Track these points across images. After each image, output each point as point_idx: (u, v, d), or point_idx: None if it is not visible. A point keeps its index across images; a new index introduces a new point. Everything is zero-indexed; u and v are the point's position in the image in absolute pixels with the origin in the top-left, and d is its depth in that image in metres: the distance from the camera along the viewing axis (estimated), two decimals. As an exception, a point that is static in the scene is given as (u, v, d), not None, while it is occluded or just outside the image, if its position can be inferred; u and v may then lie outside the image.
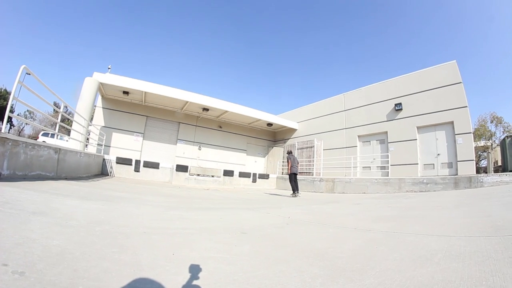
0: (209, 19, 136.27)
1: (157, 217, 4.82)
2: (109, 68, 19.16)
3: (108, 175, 16.12)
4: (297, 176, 14.08)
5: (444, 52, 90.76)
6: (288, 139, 26.38)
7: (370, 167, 18.67)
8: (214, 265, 2.51)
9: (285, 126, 26.04)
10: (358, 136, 19.77)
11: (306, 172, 20.74)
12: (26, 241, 2.43)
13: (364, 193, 14.63)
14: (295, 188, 13.45)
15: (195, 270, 2.32)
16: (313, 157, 20.60)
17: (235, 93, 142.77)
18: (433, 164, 15.61)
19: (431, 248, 3.10)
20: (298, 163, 14.51)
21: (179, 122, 23.96)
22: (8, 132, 43.46)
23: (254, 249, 3.17)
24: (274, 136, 29.06)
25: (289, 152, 14.81)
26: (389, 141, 17.71)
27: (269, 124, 25.82)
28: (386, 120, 18.10)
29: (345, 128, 20.65)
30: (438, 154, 15.40)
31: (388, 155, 16.94)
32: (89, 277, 1.93)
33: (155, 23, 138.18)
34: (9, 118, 45.38)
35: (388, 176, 15.97)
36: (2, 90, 46.21)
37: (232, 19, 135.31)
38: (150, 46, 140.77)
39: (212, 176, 18.64)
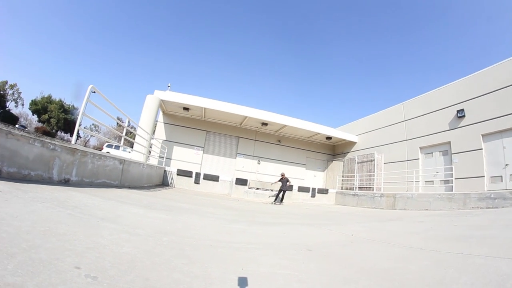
0: (264, 35, 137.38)
1: (220, 230, 4.77)
2: (168, 86, 20.52)
3: (168, 185, 16.82)
4: (284, 191, 17.21)
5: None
6: (348, 152, 25.29)
7: (432, 181, 17.04)
8: (283, 281, 2.41)
9: (344, 139, 25.05)
10: (420, 148, 18.22)
11: (366, 187, 19.81)
12: (96, 246, 2.46)
13: (427, 209, 13.57)
14: (281, 199, 17.07)
15: (265, 286, 2.20)
16: (374, 171, 19.72)
17: (293, 107, 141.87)
18: (501, 176, 13.71)
19: (503, 272, 2.83)
20: (285, 181, 17.28)
21: (239, 137, 24.40)
22: (75, 143, 47.65)
23: (321, 266, 3.04)
24: (333, 150, 28.11)
25: (283, 175, 17.58)
26: (452, 152, 16.05)
27: (328, 138, 25.08)
28: (448, 129, 16.47)
29: (406, 140, 19.22)
30: (506, 165, 13.47)
31: (451, 167, 15.41)
32: (161, 287, 1.86)
33: (213, 39, 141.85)
34: (78, 131, 48.69)
35: (452, 191, 14.52)
36: (71, 105, 51.33)
37: (286, 34, 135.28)
38: (207, 61, 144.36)
39: (271, 190, 18.51)
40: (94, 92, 7.71)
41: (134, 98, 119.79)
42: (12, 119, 37.15)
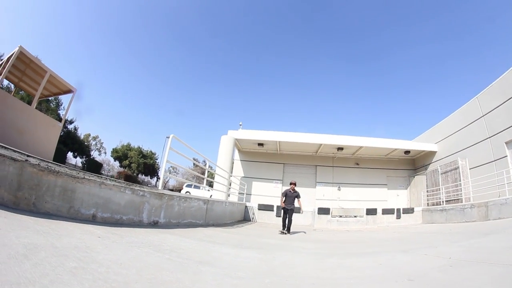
0: (329, 58, 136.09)
1: (317, 265, 4.64)
2: (240, 125, 21.38)
3: (250, 220, 17.18)
4: (290, 211, 12.33)
5: None
6: (429, 164, 23.06)
7: (528, 179, 14.68)
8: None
9: (423, 150, 23.17)
10: (506, 143, 15.48)
11: (454, 200, 17.92)
12: (206, 293, 2.40)
13: (527, 215, 11.85)
14: (287, 225, 11.88)
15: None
16: (460, 180, 17.81)
17: (367, 127, 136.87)
18: None
19: None
20: (293, 197, 12.58)
21: (316, 165, 24.29)
22: (155, 185, 55.56)
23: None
24: (414, 164, 25.98)
25: (293, 185, 12.86)
26: (544, 140, 13.34)
27: (407, 152, 23.49)
28: (534, 112, 13.79)
29: (489, 137, 16.70)
30: None
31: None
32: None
33: (277, 70, 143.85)
34: (157, 173, 58.35)
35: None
36: (148, 151, 58.11)
37: (352, 52, 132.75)
38: (275, 93, 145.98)
39: (355, 216, 17.86)
40: (168, 137, 8.21)
41: (207, 135, 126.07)
42: (96, 166, 42.81)
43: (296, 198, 12.40)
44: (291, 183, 12.80)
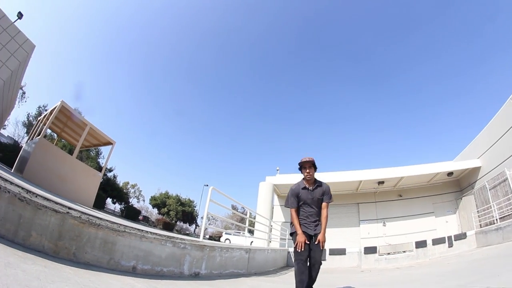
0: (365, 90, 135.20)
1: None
2: (277, 170, 21.48)
3: (293, 266, 16.44)
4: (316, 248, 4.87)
5: None
6: (475, 182, 21.33)
7: None
8: None
9: (467, 168, 21.76)
10: None
11: (509, 215, 16.02)
12: None
13: None
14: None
15: None
16: (511, 192, 16.18)
17: (406, 154, 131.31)
18: None
19: None
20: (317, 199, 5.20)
21: (358, 203, 23.85)
22: (194, 231, 57.12)
23: None
24: (459, 185, 24.22)
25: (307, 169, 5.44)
26: None
27: (450, 174, 22.24)
28: None
29: None
30: None
31: None
32: None
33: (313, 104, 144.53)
34: (195, 220, 61.10)
35: None
36: (187, 199, 60.70)
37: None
38: (310, 132, 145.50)
39: (404, 251, 17.00)
40: (207, 185, 8.44)
41: (245, 180, 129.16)
42: (135, 212, 46.71)
43: (323, 201, 5.21)
44: (302, 165, 5.39)
